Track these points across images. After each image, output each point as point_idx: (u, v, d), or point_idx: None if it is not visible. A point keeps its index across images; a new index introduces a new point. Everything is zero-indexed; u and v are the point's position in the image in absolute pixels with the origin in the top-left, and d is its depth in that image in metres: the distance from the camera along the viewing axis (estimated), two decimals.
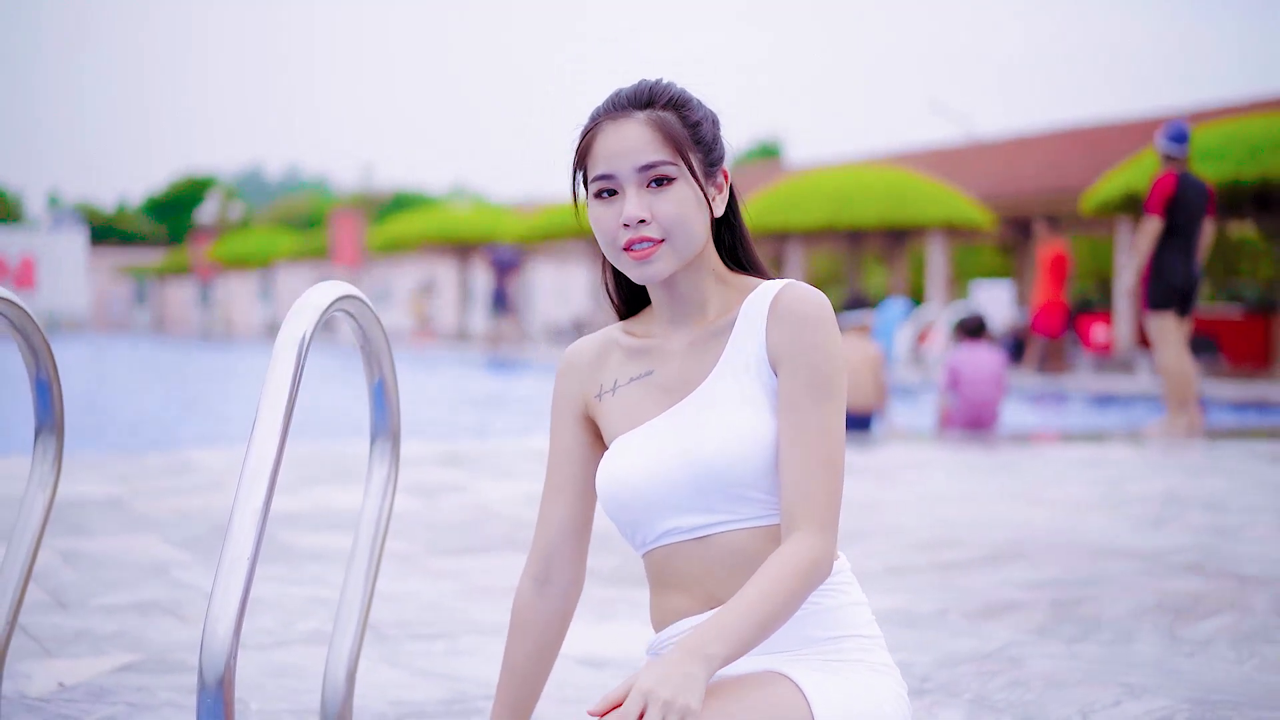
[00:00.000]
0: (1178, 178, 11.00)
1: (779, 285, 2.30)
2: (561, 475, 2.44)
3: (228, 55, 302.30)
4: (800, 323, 2.24)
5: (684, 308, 2.36)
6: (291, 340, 2.49)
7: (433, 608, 4.67)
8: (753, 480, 2.25)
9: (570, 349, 2.48)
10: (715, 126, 2.35)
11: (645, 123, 2.28)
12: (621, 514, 2.34)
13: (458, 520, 6.53)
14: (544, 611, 2.43)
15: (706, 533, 2.28)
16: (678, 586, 2.33)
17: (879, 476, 8.50)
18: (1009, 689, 3.71)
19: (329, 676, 2.88)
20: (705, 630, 2.08)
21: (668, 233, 2.26)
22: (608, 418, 2.40)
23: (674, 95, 2.33)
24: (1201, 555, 5.73)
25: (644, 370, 2.38)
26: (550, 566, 2.43)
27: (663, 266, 2.27)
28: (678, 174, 2.26)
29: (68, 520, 6.27)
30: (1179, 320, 11.06)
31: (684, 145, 2.27)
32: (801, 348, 2.24)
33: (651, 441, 2.31)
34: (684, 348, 2.35)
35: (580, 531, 2.45)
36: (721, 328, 2.33)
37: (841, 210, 25.14)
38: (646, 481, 2.29)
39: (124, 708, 3.46)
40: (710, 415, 2.27)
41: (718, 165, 2.33)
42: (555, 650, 2.45)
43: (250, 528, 2.28)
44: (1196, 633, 4.38)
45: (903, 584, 5.13)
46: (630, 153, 2.26)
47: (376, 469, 3.07)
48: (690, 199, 2.27)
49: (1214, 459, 9.53)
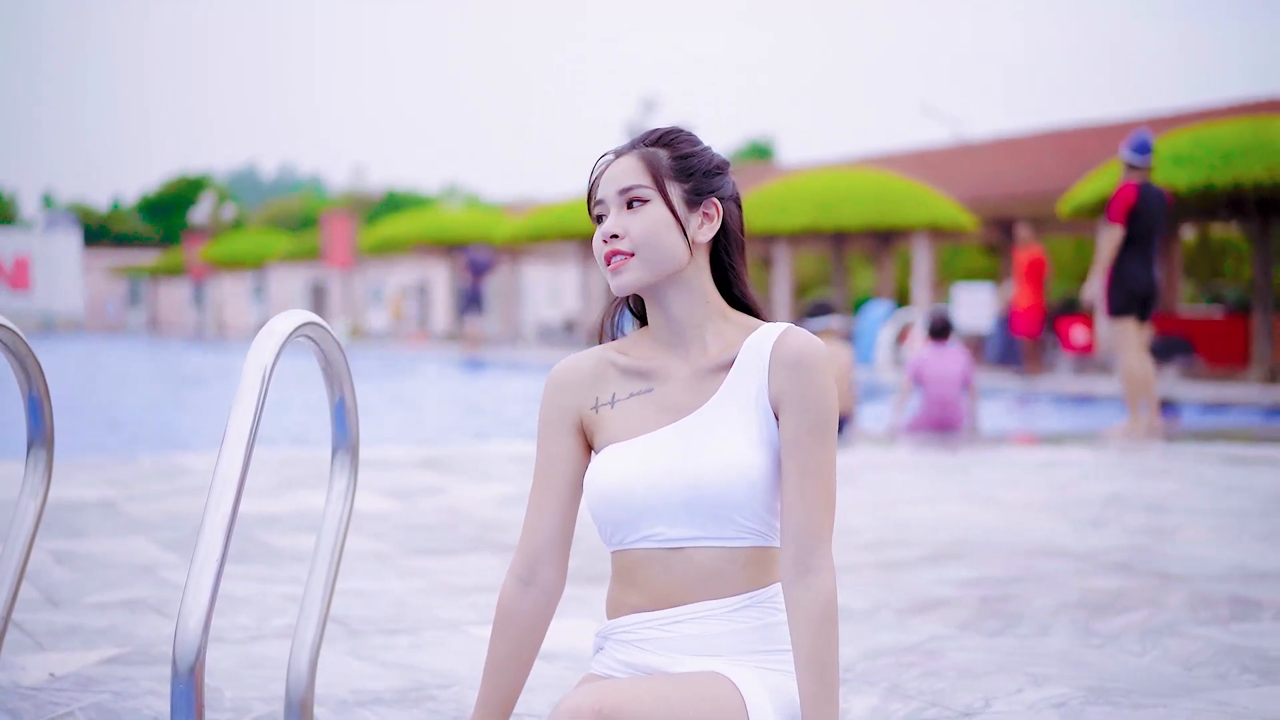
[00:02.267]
0: (1139, 187, 11.35)
1: (780, 329, 2.54)
2: (550, 483, 2.62)
3: (224, 55, 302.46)
4: (803, 369, 2.49)
5: (679, 331, 2.59)
6: (258, 365, 2.82)
7: (400, 605, 5.00)
8: (739, 505, 2.51)
9: (564, 365, 2.67)
10: (711, 166, 2.60)
11: (634, 157, 2.59)
12: (608, 512, 2.54)
13: (432, 522, 6.86)
14: (527, 610, 2.60)
15: (683, 545, 2.54)
16: (639, 588, 2.58)
17: (840, 479, 8.84)
18: (922, 678, 4.04)
19: (293, 665, 3.21)
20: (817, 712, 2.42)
21: (637, 247, 2.53)
22: (606, 428, 2.60)
23: (669, 136, 2.62)
24: (1131, 555, 6.06)
25: (645, 387, 2.61)
26: (535, 568, 2.61)
27: (630, 278, 2.55)
28: (651, 197, 2.54)
29: (62, 523, 6.60)
30: (1139, 325, 11.42)
31: (662, 174, 2.56)
32: (805, 392, 2.49)
33: (649, 454, 2.53)
34: (686, 376, 2.58)
35: (565, 536, 2.63)
36: (723, 363, 2.55)
37: (826, 212, 25.46)
38: (641, 487, 2.51)
39: (109, 696, 3.78)
40: (710, 438, 2.51)
41: (704, 197, 2.57)
42: (536, 647, 2.63)
43: (219, 532, 2.60)
44: (1109, 627, 4.71)
45: (844, 582, 5.45)
46: (616, 180, 2.57)
47: (337, 478, 3.39)
48: (662, 220, 2.54)
49: (1167, 461, 9.87)
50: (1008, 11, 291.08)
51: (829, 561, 2.49)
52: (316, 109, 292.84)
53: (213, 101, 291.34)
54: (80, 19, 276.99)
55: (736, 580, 2.56)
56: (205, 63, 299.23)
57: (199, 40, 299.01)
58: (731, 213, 2.63)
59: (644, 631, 2.58)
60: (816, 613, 2.46)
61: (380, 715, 3.65)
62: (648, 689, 2.39)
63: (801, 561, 2.48)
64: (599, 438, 2.62)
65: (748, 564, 2.56)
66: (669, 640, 2.56)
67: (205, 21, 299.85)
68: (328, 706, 3.72)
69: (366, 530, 6.55)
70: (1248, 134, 19.28)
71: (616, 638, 2.62)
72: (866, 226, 25.87)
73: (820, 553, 2.48)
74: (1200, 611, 4.95)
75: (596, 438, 2.63)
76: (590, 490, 2.57)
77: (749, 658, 2.56)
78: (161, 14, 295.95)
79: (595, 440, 2.63)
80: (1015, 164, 31.12)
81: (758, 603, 2.56)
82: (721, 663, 2.53)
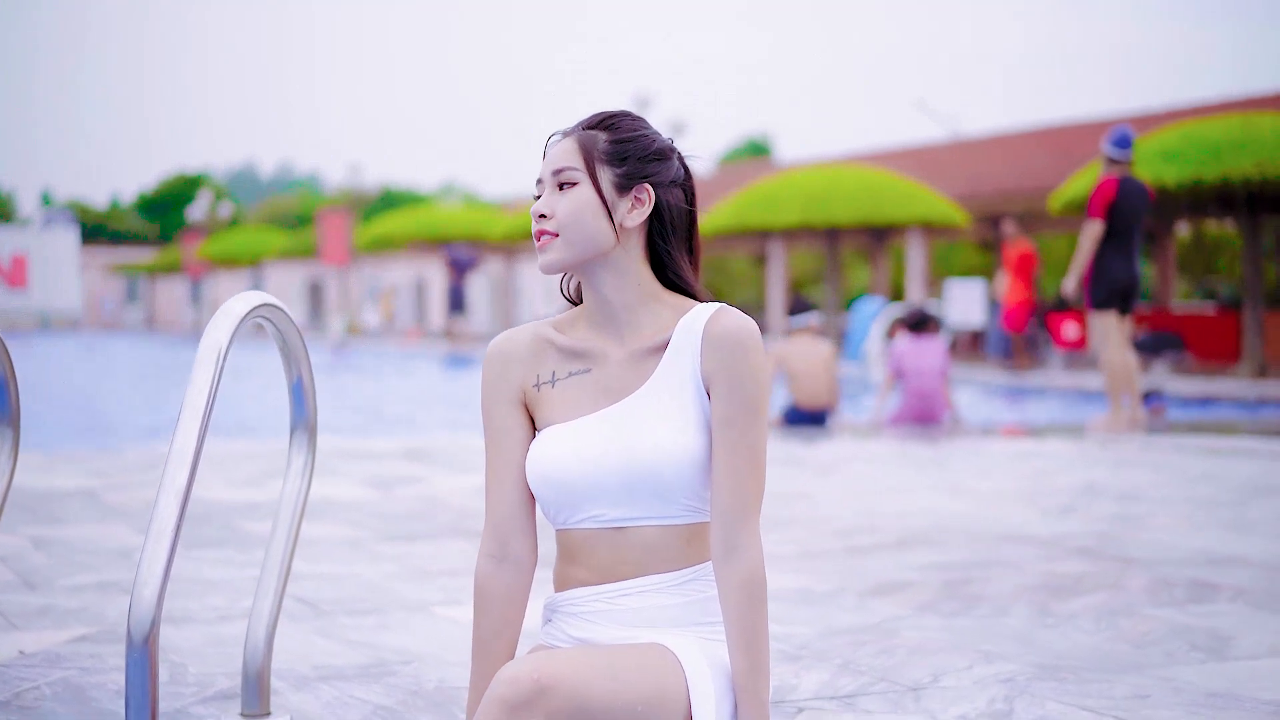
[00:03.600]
0: (1119, 182, 11.43)
1: (712, 310, 2.57)
2: (504, 455, 2.64)
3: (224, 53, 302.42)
4: (733, 349, 2.53)
5: (611, 313, 2.63)
6: (212, 345, 2.90)
7: (371, 587, 5.08)
8: (678, 486, 2.57)
9: (502, 338, 2.70)
10: (649, 151, 2.63)
11: (572, 139, 2.64)
12: (550, 494, 2.59)
13: (410, 510, 6.94)
14: (504, 586, 2.63)
15: (625, 524, 2.60)
16: (584, 564, 2.64)
17: (818, 469, 8.94)
18: (876, 655, 4.12)
19: (250, 640, 3.30)
20: (747, 687, 2.51)
21: (561, 228, 2.58)
22: (546, 407, 2.63)
23: (611, 120, 2.66)
24: (1097, 541, 6.14)
25: (583, 368, 2.66)
26: (505, 543, 2.63)
27: (553, 257, 2.60)
28: (581, 180, 2.59)
29: (42, 510, 6.69)
30: (1120, 319, 11.50)
31: (594, 157, 2.61)
32: (735, 372, 2.53)
33: (590, 434, 2.57)
34: (622, 358, 2.61)
35: (529, 506, 2.65)
36: (658, 345, 2.59)
37: (818, 209, 25.54)
38: (581, 469, 2.55)
39: (76, 671, 3.86)
40: (647, 420, 2.55)
41: (636, 182, 2.60)
42: (519, 623, 2.66)
43: (173, 507, 2.68)
44: (1066, 609, 4.79)
45: (810, 566, 5.54)
46: (553, 161, 2.63)
47: (295, 458, 3.46)
48: (588, 203, 2.58)
49: (1144, 453, 9.95)
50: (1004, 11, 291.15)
51: (755, 539, 2.54)
52: (315, 107, 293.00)
53: (212, 100, 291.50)
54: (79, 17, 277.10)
55: (679, 555, 2.62)
56: (205, 62, 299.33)
57: (198, 39, 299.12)
58: (672, 197, 2.65)
59: (590, 605, 2.64)
60: (743, 590, 2.52)
61: (339, 689, 3.72)
62: (587, 658, 2.45)
63: (728, 539, 2.54)
64: (540, 416, 2.66)
65: (690, 539, 2.63)
66: (614, 613, 2.62)
67: (205, 20, 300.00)
68: (289, 681, 3.79)
69: (343, 518, 6.63)
70: (1237, 130, 19.36)
71: (564, 610, 2.68)
72: (858, 223, 25.96)
73: (746, 530, 2.54)
74: (1159, 594, 5.03)
75: (537, 416, 2.67)
76: (531, 472, 2.62)
77: (690, 629, 2.62)
78: (161, 13, 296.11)
79: (536, 417, 2.67)
80: (1008, 161, 31.21)
81: (701, 576, 2.63)
82: (663, 634, 2.59)
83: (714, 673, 2.56)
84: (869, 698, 3.68)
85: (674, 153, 2.69)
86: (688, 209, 2.70)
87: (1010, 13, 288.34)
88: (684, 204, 2.68)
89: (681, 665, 2.52)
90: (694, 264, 2.72)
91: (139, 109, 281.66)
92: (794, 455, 9.82)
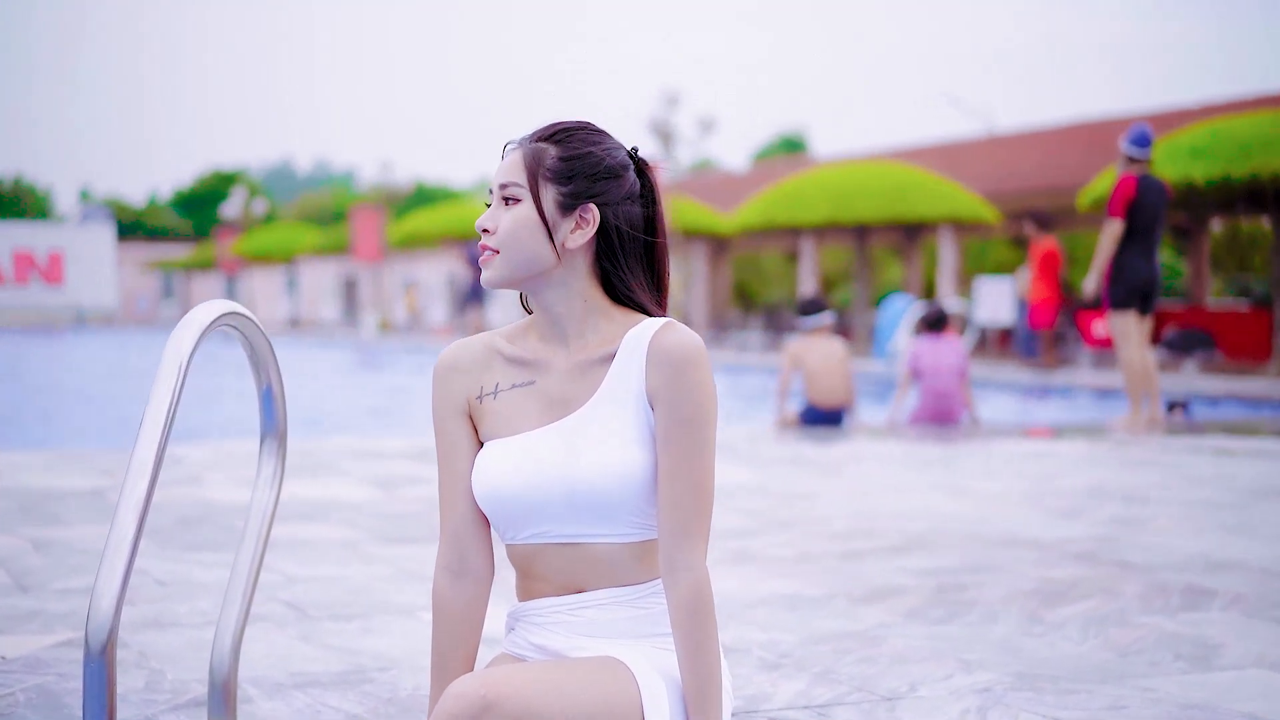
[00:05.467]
0: (1138, 180, 11.36)
1: (657, 325, 2.53)
2: (455, 469, 2.63)
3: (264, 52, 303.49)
4: (675, 365, 2.50)
5: (558, 328, 2.60)
6: (175, 356, 2.90)
7: (358, 591, 5.08)
8: (622, 503, 2.54)
9: (452, 348, 2.68)
10: (598, 169, 2.56)
11: (522, 151, 2.59)
12: (495, 511, 2.58)
13: (409, 511, 6.94)
14: (462, 599, 2.63)
15: (575, 540, 2.59)
16: (541, 578, 2.64)
17: (824, 470, 8.91)
18: (856, 664, 4.09)
19: (216, 649, 3.28)
20: (697, 707, 2.49)
21: (500, 245, 2.56)
22: (488, 419, 2.62)
23: (562, 134, 2.60)
24: (1097, 545, 6.10)
25: (527, 379, 2.62)
26: (462, 556, 2.62)
27: (493, 274, 2.59)
28: (524, 197, 2.56)
29: (44, 510, 6.71)
30: (1140, 318, 11.43)
31: (539, 175, 2.56)
32: (677, 389, 2.50)
33: (531, 452, 2.55)
34: (567, 368, 2.59)
35: (484, 519, 2.64)
36: (603, 357, 2.56)
37: (846, 206, 25.49)
38: (523, 489, 2.54)
39: (54, 678, 3.87)
40: (589, 439, 2.53)
41: (580, 201, 2.55)
42: (477, 634, 2.65)
43: (132, 516, 2.67)
44: (1056, 616, 4.75)
45: (804, 571, 5.52)
46: (501, 173, 2.60)
47: (265, 466, 3.44)
48: (528, 221, 2.55)
49: (1158, 454, 9.88)
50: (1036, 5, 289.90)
51: (697, 559, 2.51)
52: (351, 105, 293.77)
53: (251, 98, 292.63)
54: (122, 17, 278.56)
55: (636, 569, 2.61)
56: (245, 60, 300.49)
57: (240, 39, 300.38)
58: (622, 215, 2.59)
59: (552, 615, 2.64)
60: (683, 610, 2.50)
61: (312, 697, 3.72)
62: (536, 673, 2.44)
63: (669, 559, 2.52)
64: (482, 429, 2.65)
65: (644, 555, 2.61)
66: (575, 624, 2.62)
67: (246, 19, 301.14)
68: (263, 689, 3.80)
69: (342, 519, 6.64)
70: (1267, 127, 19.24)
71: (526, 619, 2.68)
72: (887, 219, 25.90)
73: (687, 550, 2.51)
74: (1152, 600, 4.99)
75: (481, 428, 2.66)
76: (477, 490, 2.60)
77: (649, 640, 2.62)
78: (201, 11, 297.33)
79: (480, 430, 2.66)
80: (1040, 157, 31.05)
81: (659, 590, 2.62)
82: (619, 645, 2.59)
83: (668, 685, 2.55)
84: (842, 708, 3.66)
85: (628, 169, 2.62)
86: (645, 221, 2.65)
87: (1042, 6, 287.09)
88: (639, 218, 2.63)
89: (635, 678, 2.51)
90: (656, 277, 2.67)
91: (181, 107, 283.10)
92: (802, 455, 9.79)
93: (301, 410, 15.93)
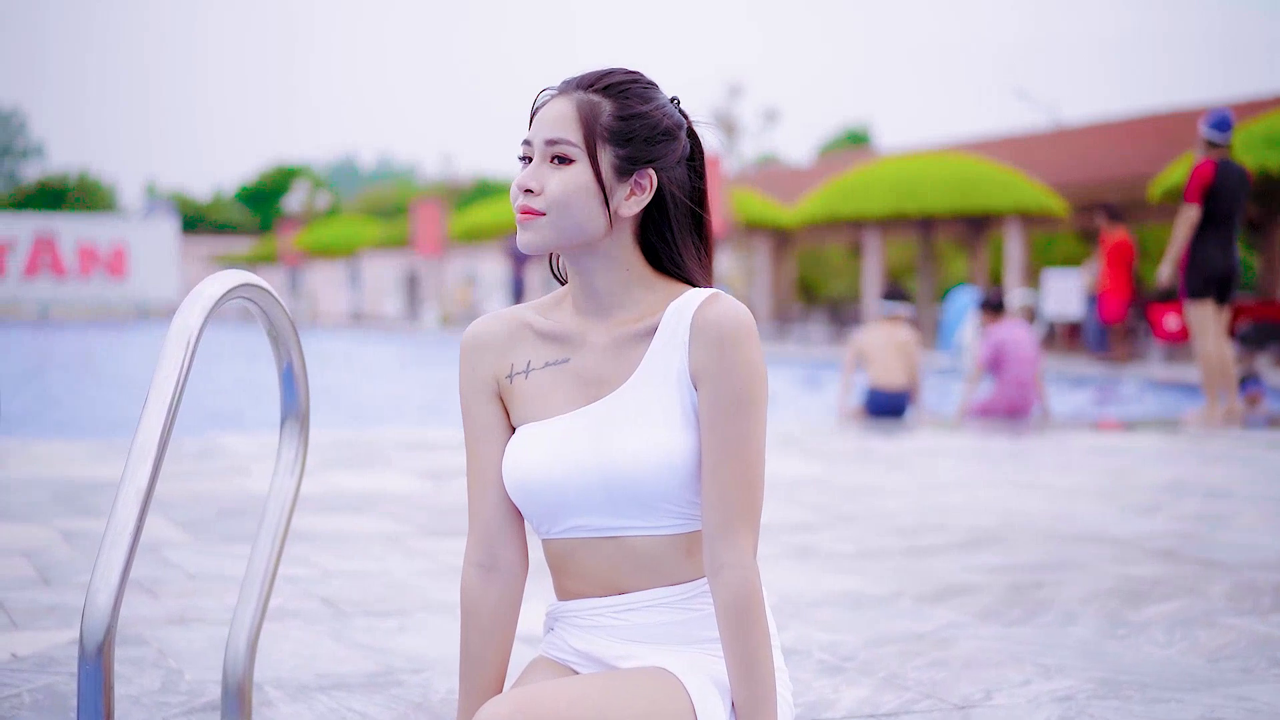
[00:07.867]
0: (1216, 165, 10.95)
1: (702, 296, 2.30)
2: (485, 456, 2.41)
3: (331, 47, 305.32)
4: (721, 341, 2.27)
5: (596, 300, 2.37)
6: (181, 332, 2.63)
7: (397, 586, 4.83)
8: (664, 494, 2.29)
9: (476, 326, 2.45)
10: (657, 130, 2.33)
11: (574, 103, 2.31)
12: (528, 503, 2.35)
13: (458, 503, 6.68)
14: (493, 597, 2.40)
15: (615, 534, 2.34)
16: (579, 576, 2.38)
17: (889, 463, 8.59)
18: (926, 668, 3.80)
19: (230, 650, 3.02)
20: (749, 718, 2.24)
21: (549, 208, 2.28)
22: (519, 400, 2.39)
23: (621, 84, 2.34)
24: (1179, 542, 5.76)
25: (560, 357, 2.38)
26: (493, 551, 2.40)
27: (534, 237, 2.30)
28: (578, 157, 2.28)
29: (80, 501, 6.51)
30: (1218, 308, 11.03)
31: (595, 134, 2.29)
32: (723, 366, 2.26)
33: (565, 440, 2.32)
34: (605, 344, 2.36)
35: (516, 510, 2.41)
36: (644, 331, 2.34)
37: (910, 198, 25.09)
38: (557, 479, 2.31)
39: (64, 678, 3.63)
40: (627, 424, 2.30)
41: (639, 166, 2.32)
42: (510, 634, 2.43)
43: (133, 507, 2.43)
44: (1140, 616, 4.43)
45: (867, 567, 5.22)
46: (548, 126, 2.31)
47: (285, 449, 3.19)
48: (583, 185, 2.28)
49: (1238, 447, 9.51)
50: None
51: (742, 556, 2.26)
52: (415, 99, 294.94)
53: (316, 92, 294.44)
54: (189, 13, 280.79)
55: (683, 565, 2.36)
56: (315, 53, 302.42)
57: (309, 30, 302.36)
58: (676, 181, 2.35)
59: (596, 618, 2.40)
60: (727, 613, 2.26)
61: (337, 700, 3.47)
62: (575, 690, 2.20)
63: (712, 557, 2.27)
64: (514, 411, 2.41)
65: (691, 548, 2.36)
66: (620, 628, 2.38)
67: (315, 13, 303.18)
68: (285, 690, 3.55)
69: (388, 511, 6.39)
70: None
71: (567, 620, 2.44)
72: (951, 212, 25.47)
73: (731, 546, 2.26)
74: (1241, 601, 4.66)
75: (512, 411, 2.41)
76: (508, 480, 2.37)
77: (699, 646, 2.37)
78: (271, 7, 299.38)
79: (511, 413, 2.42)
80: (1108, 148, 30.52)
81: (708, 590, 2.36)
82: (669, 652, 2.35)
83: (724, 697, 2.31)
84: (910, 717, 3.37)
85: (682, 128, 2.38)
86: (694, 186, 2.40)
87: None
88: (689, 182, 2.38)
89: (687, 692, 2.26)
90: (703, 244, 2.42)
91: (246, 102, 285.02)
92: (867, 448, 9.48)
93: (356, 404, 15.77)
